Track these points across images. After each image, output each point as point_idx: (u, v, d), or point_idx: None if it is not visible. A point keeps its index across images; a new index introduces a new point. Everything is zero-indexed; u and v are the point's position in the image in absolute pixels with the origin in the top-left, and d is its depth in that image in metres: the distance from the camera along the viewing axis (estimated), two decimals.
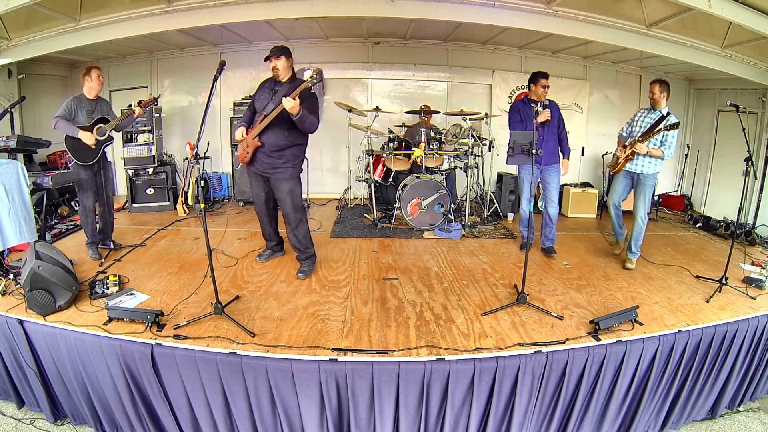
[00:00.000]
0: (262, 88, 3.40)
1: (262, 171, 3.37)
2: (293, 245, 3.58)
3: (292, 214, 3.42)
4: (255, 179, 3.48)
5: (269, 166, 3.32)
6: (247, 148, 3.31)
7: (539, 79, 3.97)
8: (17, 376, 2.78)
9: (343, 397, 2.37)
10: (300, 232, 3.50)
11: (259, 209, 3.64)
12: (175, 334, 2.49)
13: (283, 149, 3.28)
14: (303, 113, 3.05)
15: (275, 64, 3.21)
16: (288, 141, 3.27)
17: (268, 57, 3.22)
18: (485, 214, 5.38)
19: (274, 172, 3.34)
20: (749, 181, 4.24)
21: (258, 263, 3.74)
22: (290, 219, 3.45)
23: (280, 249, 3.92)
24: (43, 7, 3.85)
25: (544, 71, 4.01)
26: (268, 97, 3.28)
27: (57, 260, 2.87)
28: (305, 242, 3.54)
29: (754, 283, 3.35)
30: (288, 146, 3.29)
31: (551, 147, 4.04)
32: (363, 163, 5.77)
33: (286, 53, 3.23)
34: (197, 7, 4.14)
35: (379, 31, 5.88)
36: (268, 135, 3.23)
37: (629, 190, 4.00)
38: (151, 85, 6.31)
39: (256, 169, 3.38)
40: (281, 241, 3.93)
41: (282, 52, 3.20)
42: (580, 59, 6.38)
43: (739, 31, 4.07)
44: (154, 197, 5.59)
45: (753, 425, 3.02)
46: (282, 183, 3.35)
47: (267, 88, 3.35)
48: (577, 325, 2.75)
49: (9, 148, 3.79)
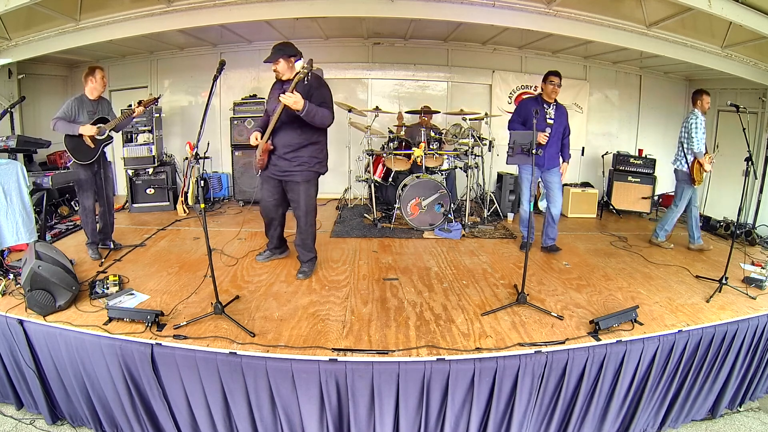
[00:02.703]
0: (273, 89, 3.30)
1: (275, 174, 3.26)
2: (298, 247, 3.49)
3: (304, 217, 3.32)
4: (267, 182, 3.36)
5: (282, 168, 3.21)
6: (262, 153, 3.22)
7: (549, 77, 3.97)
8: (16, 377, 2.77)
9: (343, 397, 2.37)
10: (309, 237, 3.42)
11: (269, 214, 3.51)
12: (175, 334, 2.49)
13: (297, 149, 3.15)
14: (309, 108, 2.91)
15: (275, 67, 3.13)
16: (302, 139, 3.13)
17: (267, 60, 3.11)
18: (485, 214, 5.38)
19: (288, 175, 3.22)
20: (749, 181, 4.24)
21: (258, 263, 3.74)
22: (301, 222, 3.35)
23: (281, 252, 3.83)
24: (43, 7, 3.85)
25: (556, 70, 4.01)
26: (276, 98, 3.15)
27: (57, 260, 2.87)
28: (311, 245, 3.47)
29: (754, 283, 3.35)
30: (303, 145, 3.15)
31: (554, 150, 4.07)
32: (363, 163, 5.77)
33: (284, 54, 3.10)
34: (197, 7, 4.15)
35: (379, 31, 5.88)
36: (280, 136, 3.13)
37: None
38: (151, 85, 6.32)
39: (270, 172, 3.28)
40: (284, 244, 3.85)
41: (279, 55, 3.08)
42: (580, 59, 6.39)
43: (739, 31, 4.07)
44: (154, 197, 5.59)
45: (753, 425, 3.02)
46: (297, 186, 3.24)
47: (277, 89, 3.24)
48: (577, 325, 2.75)
49: (9, 148, 3.79)
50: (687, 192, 4.24)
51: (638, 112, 6.71)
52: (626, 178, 5.93)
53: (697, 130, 4.03)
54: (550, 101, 4.03)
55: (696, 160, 4.08)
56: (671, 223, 4.38)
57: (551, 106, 4.03)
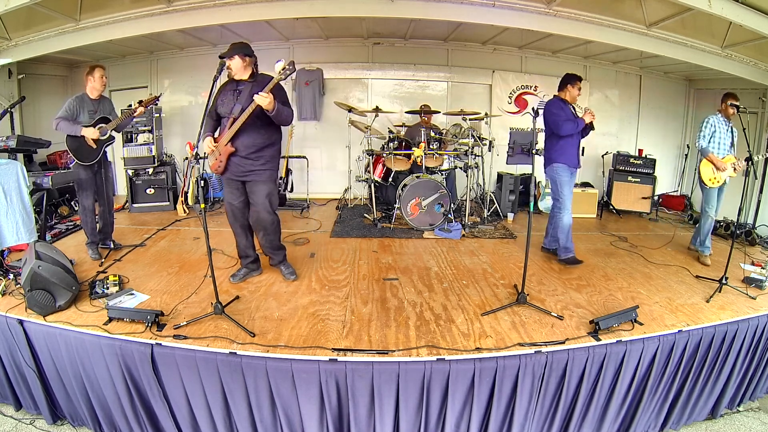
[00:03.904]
0: (224, 92, 3.13)
1: (237, 176, 3.15)
2: (267, 251, 3.45)
3: (268, 218, 3.23)
4: (230, 185, 3.22)
5: (245, 169, 3.12)
6: (219, 156, 3.09)
7: (576, 83, 3.85)
8: (15, 377, 2.77)
9: (343, 398, 2.37)
10: (276, 237, 3.37)
11: (236, 219, 3.33)
12: (175, 334, 2.49)
13: (261, 149, 3.11)
14: (278, 107, 2.91)
15: (228, 63, 2.98)
16: (265, 139, 3.12)
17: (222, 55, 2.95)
18: (485, 214, 5.38)
19: (251, 175, 3.14)
20: (749, 181, 4.24)
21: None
22: (266, 224, 3.26)
23: (257, 267, 3.52)
24: (43, 7, 3.85)
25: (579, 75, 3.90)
26: (232, 100, 3.04)
27: (57, 260, 2.87)
28: (279, 241, 3.43)
29: (754, 283, 3.35)
30: (266, 145, 3.13)
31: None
32: (363, 163, 5.77)
33: (240, 52, 2.99)
34: (197, 7, 4.15)
35: (379, 31, 5.88)
36: (243, 138, 3.04)
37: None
38: (151, 85, 6.32)
39: (231, 174, 3.15)
40: (258, 257, 3.54)
41: (236, 52, 2.98)
42: (580, 59, 6.39)
43: (739, 31, 4.07)
44: (154, 197, 5.59)
45: (753, 425, 3.02)
46: (260, 186, 3.16)
47: (229, 91, 3.09)
48: (577, 325, 2.75)
49: (9, 148, 3.79)
50: (706, 194, 4.12)
51: (638, 112, 6.71)
52: (626, 178, 5.93)
53: (703, 129, 4.02)
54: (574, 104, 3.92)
55: (705, 159, 4.02)
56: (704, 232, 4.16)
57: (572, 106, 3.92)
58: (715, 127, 3.98)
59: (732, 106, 3.82)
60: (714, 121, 3.98)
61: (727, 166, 3.95)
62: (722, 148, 3.99)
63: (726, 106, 3.94)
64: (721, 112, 4.01)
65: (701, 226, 4.18)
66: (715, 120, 3.98)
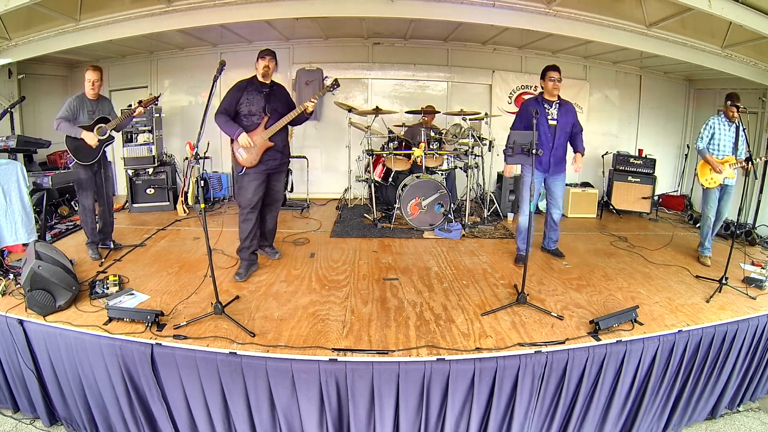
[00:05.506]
0: (248, 91, 3.34)
1: (270, 169, 3.49)
2: (270, 230, 3.86)
3: (280, 197, 3.85)
4: (257, 179, 3.42)
5: (279, 161, 3.53)
6: (257, 150, 3.36)
7: (548, 73, 3.66)
8: (13, 379, 2.77)
9: (343, 398, 2.37)
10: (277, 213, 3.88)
11: (257, 210, 3.49)
12: (175, 334, 2.49)
13: (287, 144, 3.63)
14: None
15: (269, 64, 3.33)
16: (286, 135, 3.64)
17: (263, 54, 3.32)
18: (485, 214, 5.38)
19: (282, 166, 3.64)
20: (749, 181, 4.24)
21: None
22: (279, 203, 3.81)
23: (256, 259, 3.62)
24: (43, 7, 3.85)
25: (554, 64, 3.70)
26: (262, 99, 3.35)
27: (57, 260, 2.87)
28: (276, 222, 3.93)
29: (754, 283, 3.35)
30: (287, 140, 3.66)
31: (560, 153, 3.80)
32: (363, 163, 5.77)
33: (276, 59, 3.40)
34: (197, 7, 4.15)
35: (379, 31, 5.88)
36: (279, 134, 3.44)
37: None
38: (151, 85, 6.31)
39: (264, 168, 3.43)
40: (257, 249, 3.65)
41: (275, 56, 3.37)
42: (580, 59, 6.38)
43: (739, 31, 4.07)
44: (154, 197, 5.58)
45: (753, 425, 3.02)
46: (282, 175, 3.80)
47: (254, 91, 3.35)
48: (577, 325, 2.75)
49: (9, 148, 3.80)
50: (705, 196, 4.11)
51: (638, 112, 6.71)
52: (626, 178, 5.93)
53: (702, 131, 4.03)
54: (552, 99, 3.72)
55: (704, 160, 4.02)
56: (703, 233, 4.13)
57: (553, 104, 3.72)
58: (715, 129, 3.97)
59: (732, 106, 3.82)
60: (714, 122, 3.98)
61: (724, 168, 3.95)
62: (722, 149, 3.98)
63: (727, 106, 3.94)
64: (723, 113, 4.01)
65: (701, 228, 4.19)
66: (715, 121, 3.98)
